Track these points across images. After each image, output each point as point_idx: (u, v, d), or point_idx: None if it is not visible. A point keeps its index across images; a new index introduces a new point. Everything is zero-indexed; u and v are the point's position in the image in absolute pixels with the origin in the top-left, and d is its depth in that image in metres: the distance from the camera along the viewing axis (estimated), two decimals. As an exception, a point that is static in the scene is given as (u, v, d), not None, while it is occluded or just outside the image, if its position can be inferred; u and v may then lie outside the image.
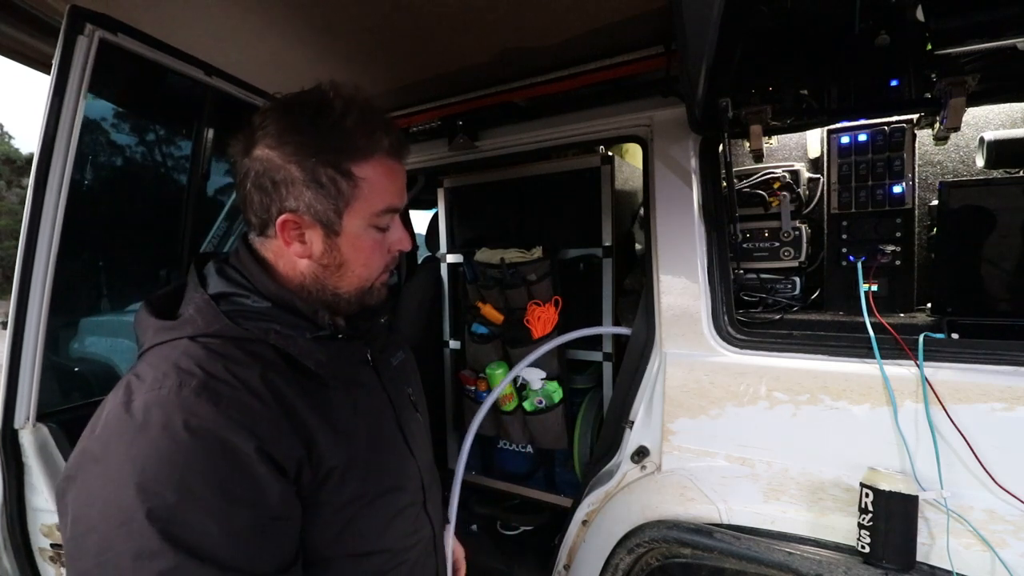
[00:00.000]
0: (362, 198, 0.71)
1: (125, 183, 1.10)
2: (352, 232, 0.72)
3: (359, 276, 0.75)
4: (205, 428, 0.55)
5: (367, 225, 0.72)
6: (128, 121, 1.05)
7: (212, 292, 0.69)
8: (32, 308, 0.82)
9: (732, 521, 1.07)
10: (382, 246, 0.76)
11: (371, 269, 0.76)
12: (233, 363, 0.62)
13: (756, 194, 1.35)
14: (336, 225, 0.71)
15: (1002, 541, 0.90)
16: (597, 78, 1.38)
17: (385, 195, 0.73)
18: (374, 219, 0.73)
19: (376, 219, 0.73)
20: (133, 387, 0.58)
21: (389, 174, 0.73)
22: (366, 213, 0.72)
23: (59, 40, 0.80)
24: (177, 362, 0.60)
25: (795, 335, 1.15)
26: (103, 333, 0.94)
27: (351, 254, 0.73)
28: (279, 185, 0.68)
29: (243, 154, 0.70)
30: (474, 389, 1.85)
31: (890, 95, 1.05)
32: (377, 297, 0.79)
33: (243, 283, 0.70)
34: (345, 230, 0.72)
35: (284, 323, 0.69)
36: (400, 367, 0.92)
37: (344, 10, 1.12)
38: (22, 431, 0.83)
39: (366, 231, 0.73)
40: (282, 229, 0.70)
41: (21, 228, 0.80)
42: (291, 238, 0.71)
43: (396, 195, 0.75)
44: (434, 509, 0.87)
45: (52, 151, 0.81)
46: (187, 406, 0.56)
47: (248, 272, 0.71)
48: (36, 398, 0.84)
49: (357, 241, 0.73)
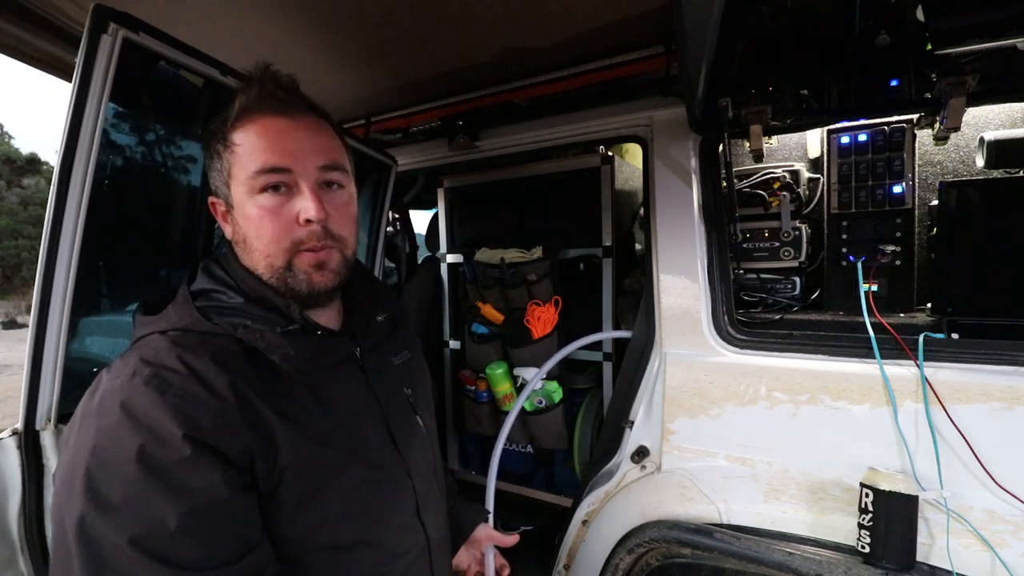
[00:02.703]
0: (237, 163, 0.68)
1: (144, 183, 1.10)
2: (239, 201, 0.69)
3: (261, 252, 0.69)
4: (139, 410, 0.58)
5: (248, 191, 0.68)
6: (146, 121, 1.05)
7: (193, 289, 0.71)
8: (54, 310, 0.81)
9: (732, 521, 1.07)
10: (275, 215, 0.68)
11: (267, 242, 0.68)
12: (191, 354, 0.63)
13: (756, 194, 1.35)
14: (229, 198, 0.71)
15: (1002, 541, 0.90)
16: (597, 78, 1.38)
17: (258, 154, 0.67)
18: (250, 182, 0.67)
19: (252, 181, 0.67)
20: (102, 378, 0.62)
21: (265, 132, 0.68)
22: (243, 177, 0.68)
23: (83, 39, 0.80)
24: (142, 354, 0.63)
25: (795, 335, 1.16)
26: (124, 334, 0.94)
27: (246, 227, 0.69)
28: (206, 174, 0.73)
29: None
30: (474, 389, 1.85)
31: (890, 95, 1.05)
32: (308, 284, 0.70)
33: (224, 279, 0.72)
34: (235, 201, 0.70)
35: (255, 318, 0.69)
36: (403, 367, 0.89)
37: (345, 9, 1.12)
38: (43, 432, 0.83)
39: (250, 198, 0.68)
40: (215, 213, 0.74)
41: (44, 228, 0.80)
42: (222, 220, 0.74)
43: (274, 153, 0.67)
44: (429, 520, 0.82)
45: (75, 151, 0.81)
46: (131, 392, 0.59)
47: (231, 267, 0.73)
48: (58, 399, 0.83)
49: (244, 210, 0.69)
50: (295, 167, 0.68)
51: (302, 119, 0.71)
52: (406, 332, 0.96)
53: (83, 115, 0.81)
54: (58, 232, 0.81)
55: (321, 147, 0.72)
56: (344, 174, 0.75)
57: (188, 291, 0.71)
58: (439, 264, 2.01)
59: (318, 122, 0.74)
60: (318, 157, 0.70)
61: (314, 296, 0.72)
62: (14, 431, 0.84)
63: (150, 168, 1.09)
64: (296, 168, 0.68)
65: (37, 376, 0.82)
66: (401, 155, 1.76)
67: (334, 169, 0.73)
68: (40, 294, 0.81)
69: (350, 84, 1.52)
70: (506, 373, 1.75)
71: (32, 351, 0.81)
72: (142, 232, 1.10)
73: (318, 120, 0.74)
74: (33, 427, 0.84)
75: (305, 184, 0.69)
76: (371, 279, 0.93)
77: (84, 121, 0.81)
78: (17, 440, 0.83)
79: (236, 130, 0.69)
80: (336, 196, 0.73)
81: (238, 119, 0.69)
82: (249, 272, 0.71)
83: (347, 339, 0.79)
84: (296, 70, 0.76)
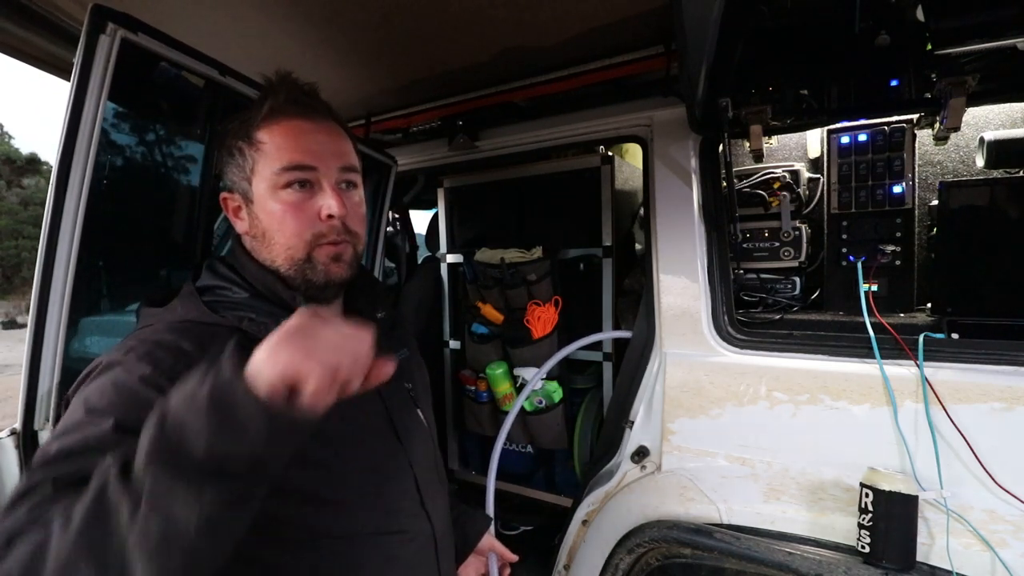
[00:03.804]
0: (263, 160, 0.72)
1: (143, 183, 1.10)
2: (261, 195, 0.73)
3: (281, 244, 0.73)
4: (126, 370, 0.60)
5: (272, 186, 0.72)
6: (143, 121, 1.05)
7: (199, 285, 0.74)
8: (52, 310, 0.82)
9: (732, 521, 1.07)
10: (299, 210, 0.72)
11: (289, 235, 0.72)
12: (188, 339, 0.65)
13: (756, 194, 1.35)
14: (249, 193, 0.74)
15: (1002, 541, 0.90)
16: (597, 78, 1.38)
17: (284, 152, 0.72)
18: (275, 178, 0.72)
19: (277, 177, 0.71)
20: (102, 356, 0.65)
21: (291, 132, 0.73)
22: (267, 173, 0.72)
23: (80, 39, 0.80)
24: (141, 336, 0.65)
25: (795, 335, 1.15)
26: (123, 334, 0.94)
27: (267, 220, 0.73)
28: (220, 170, 0.77)
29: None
30: (474, 389, 1.85)
31: (890, 95, 1.05)
32: (326, 275, 0.74)
33: (229, 276, 0.75)
34: (256, 196, 0.74)
35: (260, 312, 0.72)
36: (402, 363, 0.90)
37: (345, 9, 1.12)
38: (42, 432, 0.84)
39: (274, 193, 0.72)
40: (225, 209, 0.77)
41: (42, 228, 0.80)
42: (234, 216, 0.77)
43: (300, 152, 0.72)
44: (434, 510, 0.84)
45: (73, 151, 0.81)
46: (123, 360, 0.61)
47: (239, 264, 0.76)
48: (56, 400, 0.84)
49: (266, 204, 0.72)
50: (319, 166, 0.73)
51: (324, 123, 0.77)
52: (404, 332, 0.99)
53: (81, 115, 0.81)
54: (57, 232, 0.81)
55: (341, 150, 0.77)
56: (358, 175, 0.81)
57: (193, 287, 0.74)
58: (439, 264, 2.01)
59: (337, 127, 0.79)
60: (338, 159, 0.76)
61: (329, 286, 0.76)
62: (12, 431, 0.85)
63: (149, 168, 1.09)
64: (320, 167, 0.73)
65: (36, 376, 0.82)
66: (401, 155, 1.76)
67: (351, 171, 0.78)
68: (39, 294, 0.81)
69: (350, 84, 1.52)
70: (506, 373, 1.75)
71: (31, 351, 0.81)
72: (141, 232, 1.10)
73: (337, 125, 0.79)
74: (32, 427, 0.84)
75: (327, 183, 0.74)
76: (371, 279, 0.95)
77: (83, 121, 0.82)
78: (16, 440, 0.84)
79: (262, 129, 0.74)
80: (352, 195, 0.78)
81: (265, 120, 0.73)
82: (261, 265, 0.75)
83: None
84: (296, 70, 0.77)
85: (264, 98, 0.75)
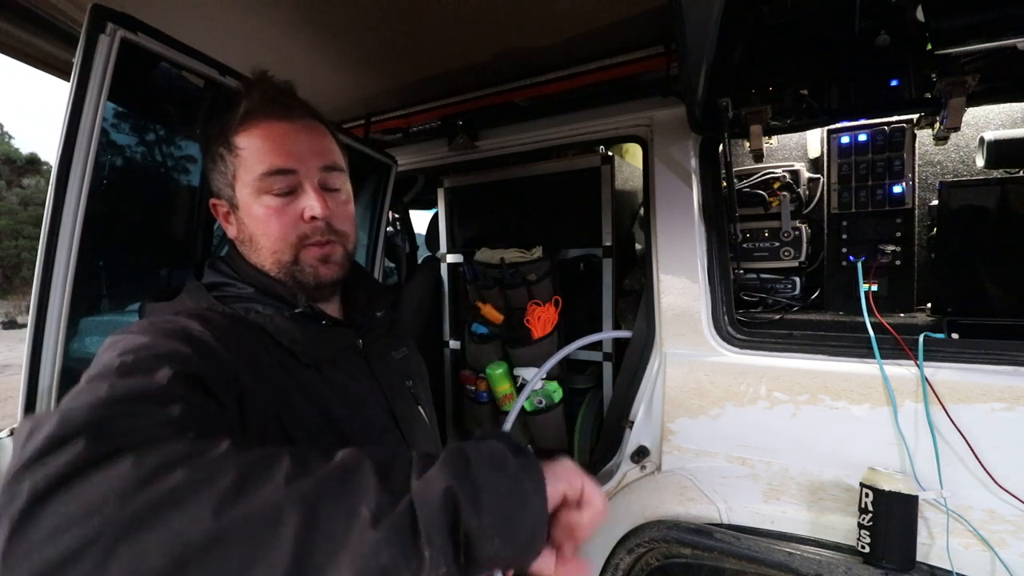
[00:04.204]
0: (243, 166, 0.72)
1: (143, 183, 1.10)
2: (245, 201, 0.73)
3: (268, 249, 0.73)
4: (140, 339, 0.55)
5: (254, 192, 0.71)
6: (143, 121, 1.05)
7: (205, 282, 0.75)
8: (52, 310, 0.82)
9: (732, 521, 1.07)
10: (282, 213, 0.71)
11: (274, 239, 0.72)
12: (205, 324, 0.62)
13: (756, 194, 1.35)
14: (234, 199, 0.74)
15: (1002, 541, 0.90)
16: (597, 78, 1.38)
17: (263, 156, 0.71)
18: (256, 184, 0.71)
19: (258, 183, 0.71)
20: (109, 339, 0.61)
21: (268, 135, 0.72)
22: (248, 179, 0.71)
23: (80, 39, 0.80)
24: (152, 319, 0.64)
25: (795, 335, 1.15)
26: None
27: (253, 226, 0.73)
28: (207, 177, 0.77)
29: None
30: (474, 389, 1.85)
31: (890, 95, 1.05)
32: (315, 276, 0.74)
33: (231, 274, 0.75)
34: (240, 202, 0.73)
35: (265, 305, 0.73)
36: (402, 361, 0.92)
37: (345, 10, 1.12)
38: None
39: (256, 198, 0.72)
40: (216, 215, 0.78)
41: (42, 228, 0.81)
42: (224, 221, 0.78)
43: (278, 155, 0.71)
44: None
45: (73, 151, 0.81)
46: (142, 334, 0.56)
47: (235, 264, 0.77)
48: (56, 400, 0.84)
49: (250, 210, 0.72)
50: (299, 168, 0.72)
51: (302, 122, 0.75)
52: (403, 331, 1.00)
53: (81, 115, 0.81)
54: (56, 232, 0.81)
55: (321, 149, 0.76)
56: (342, 174, 0.79)
57: (199, 282, 0.74)
58: (439, 264, 2.01)
59: (316, 125, 0.78)
60: (319, 158, 0.75)
61: (320, 288, 0.76)
62: (12, 431, 0.84)
63: (149, 168, 1.09)
64: (300, 169, 0.72)
65: (35, 376, 0.82)
66: (401, 155, 1.76)
67: (334, 170, 0.77)
68: (39, 294, 0.81)
69: (350, 84, 1.52)
70: (506, 373, 1.75)
71: (31, 351, 0.81)
72: (141, 232, 1.10)
73: (316, 123, 0.78)
74: (32, 427, 0.83)
75: (308, 184, 0.73)
76: (370, 279, 0.96)
77: (82, 121, 0.81)
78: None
79: (239, 134, 0.73)
80: (337, 195, 0.78)
81: (241, 123, 0.73)
82: (255, 268, 0.75)
83: (351, 331, 0.81)
84: (296, 70, 0.78)
85: (239, 100, 0.74)
